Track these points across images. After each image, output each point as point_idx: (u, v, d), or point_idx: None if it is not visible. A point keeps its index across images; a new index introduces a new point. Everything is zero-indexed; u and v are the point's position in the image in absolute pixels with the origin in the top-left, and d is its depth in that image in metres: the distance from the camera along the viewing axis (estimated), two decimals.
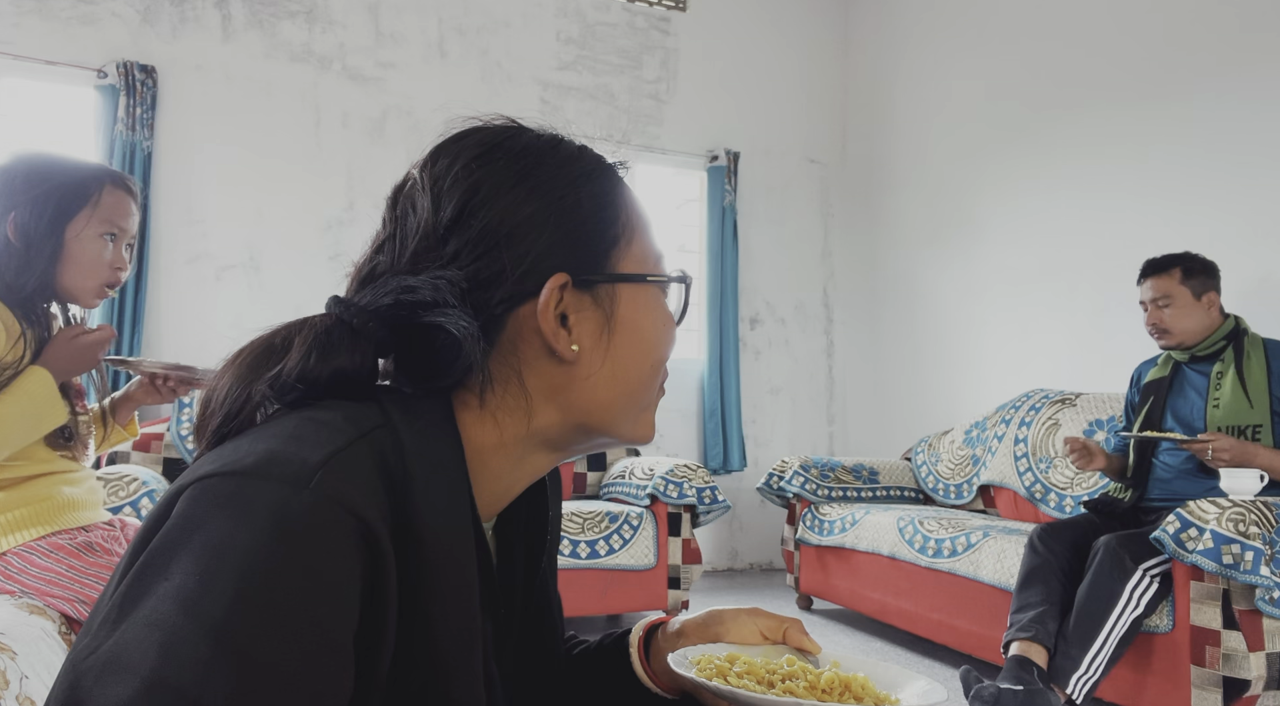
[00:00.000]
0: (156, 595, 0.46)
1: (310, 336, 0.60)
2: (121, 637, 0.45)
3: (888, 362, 4.67)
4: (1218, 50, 3.10)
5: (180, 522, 0.49)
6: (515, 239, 0.62)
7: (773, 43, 4.86)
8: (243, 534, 0.47)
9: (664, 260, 0.70)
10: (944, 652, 2.99)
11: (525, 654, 0.73)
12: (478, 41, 4.22)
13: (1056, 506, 3.12)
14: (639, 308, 0.66)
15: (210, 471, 0.51)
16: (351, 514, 0.49)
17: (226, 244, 3.71)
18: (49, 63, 3.45)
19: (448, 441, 0.59)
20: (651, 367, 0.67)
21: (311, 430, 0.53)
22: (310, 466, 0.50)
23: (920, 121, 4.50)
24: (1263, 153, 2.95)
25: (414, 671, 0.53)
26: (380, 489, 0.52)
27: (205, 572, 0.46)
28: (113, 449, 3.12)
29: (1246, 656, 1.99)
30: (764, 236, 4.78)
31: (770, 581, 4.29)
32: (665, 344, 0.68)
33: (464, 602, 0.55)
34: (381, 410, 0.58)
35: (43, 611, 1.34)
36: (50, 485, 1.47)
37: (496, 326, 0.62)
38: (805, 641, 0.74)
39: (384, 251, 0.64)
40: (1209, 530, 2.01)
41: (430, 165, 0.65)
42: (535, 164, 0.65)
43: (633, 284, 0.66)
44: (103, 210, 1.50)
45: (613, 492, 3.60)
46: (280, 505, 0.48)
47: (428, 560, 0.53)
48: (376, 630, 0.51)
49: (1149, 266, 2.56)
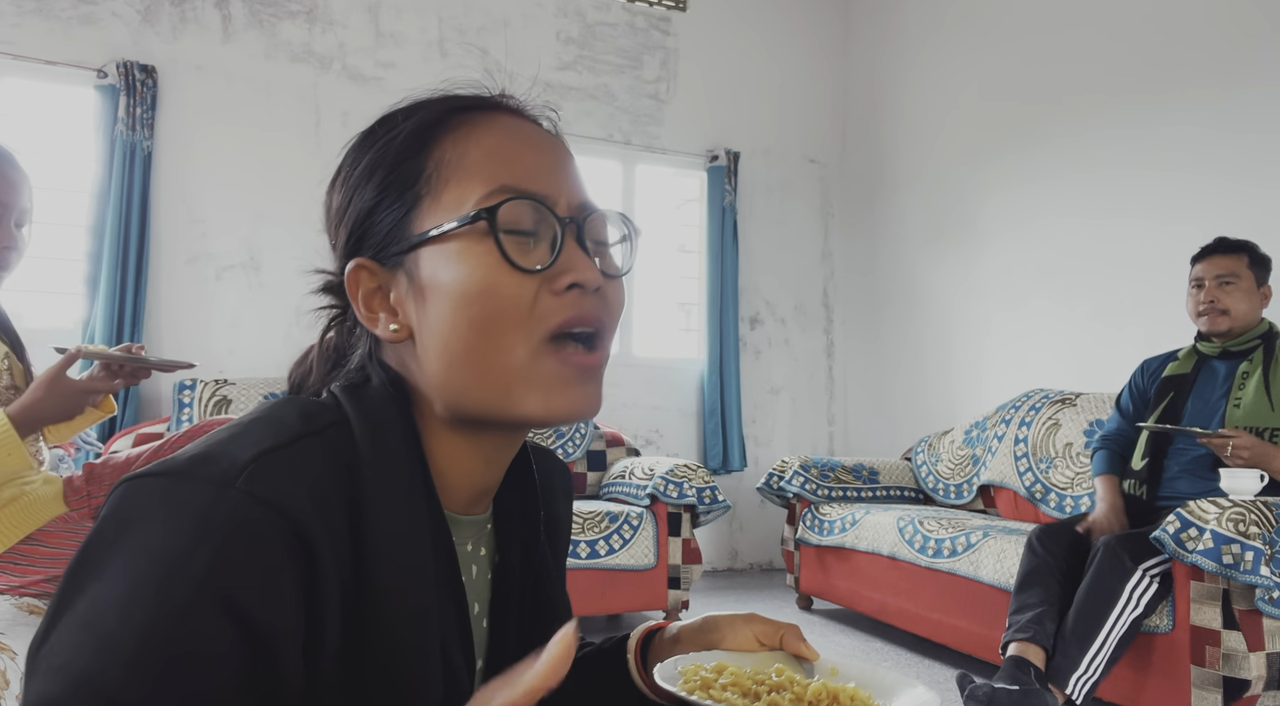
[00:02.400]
0: (88, 595, 0.47)
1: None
2: (58, 636, 0.46)
3: (888, 362, 4.67)
4: (1219, 51, 3.10)
5: (111, 521, 0.49)
6: (339, 228, 0.64)
7: (773, 43, 4.86)
8: (168, 536, 0.47)
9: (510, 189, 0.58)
10: (944, 652, 2.99)
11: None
12: (478, 41, 4.22)
13: (1056, 506, 3.12)
14: (439, 264, 0.57)
15: (143, 471, 0.51)
16: (277, 512, 0.49)
17: (226, 244, 3.71)
18: (49, 63, 3.45)
19: (401, 434, 0.58)
20: (477, 325, 0.56)
21: (256, 427, 0.54)
22: (238, 465, 0.50)
23: (920, 121, 4.50)
24: (1264, 153, 2.95)
25: (364, 664, 0.53)
26: (330, 486, 0.52)
27: (132, 575, 0.46)
28: (112, 449, 3.12)
29: (1246, 656, 1.99)
30: (764, 236, 4.78)
31: (770, 581, 4.29)
32: (490, 294, 0.56)
33: (415, 593, 0.55)
34: (338, 404, 0.58)
35: (42, 610, 1.34)
36: (9, 489, 1.45)
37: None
38: (802, 647, 0.72)
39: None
40: (1209, 530, 2.01)
41: None
42: (362, 141, 0.65)
43: (431, 243, 0.58)
44: None
45: (613, 492, 3.60)
46: (205, 506, 0.48)
47: (378, 555, 0.53)
48: (318, 623, 0.51)
49: (1220, 244, 2.49)
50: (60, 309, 3.53)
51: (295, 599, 0.49)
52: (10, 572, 1.39)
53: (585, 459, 3.79)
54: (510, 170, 0.59)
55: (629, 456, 3.83)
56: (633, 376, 4.41)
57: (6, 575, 1.38)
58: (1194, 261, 2.54)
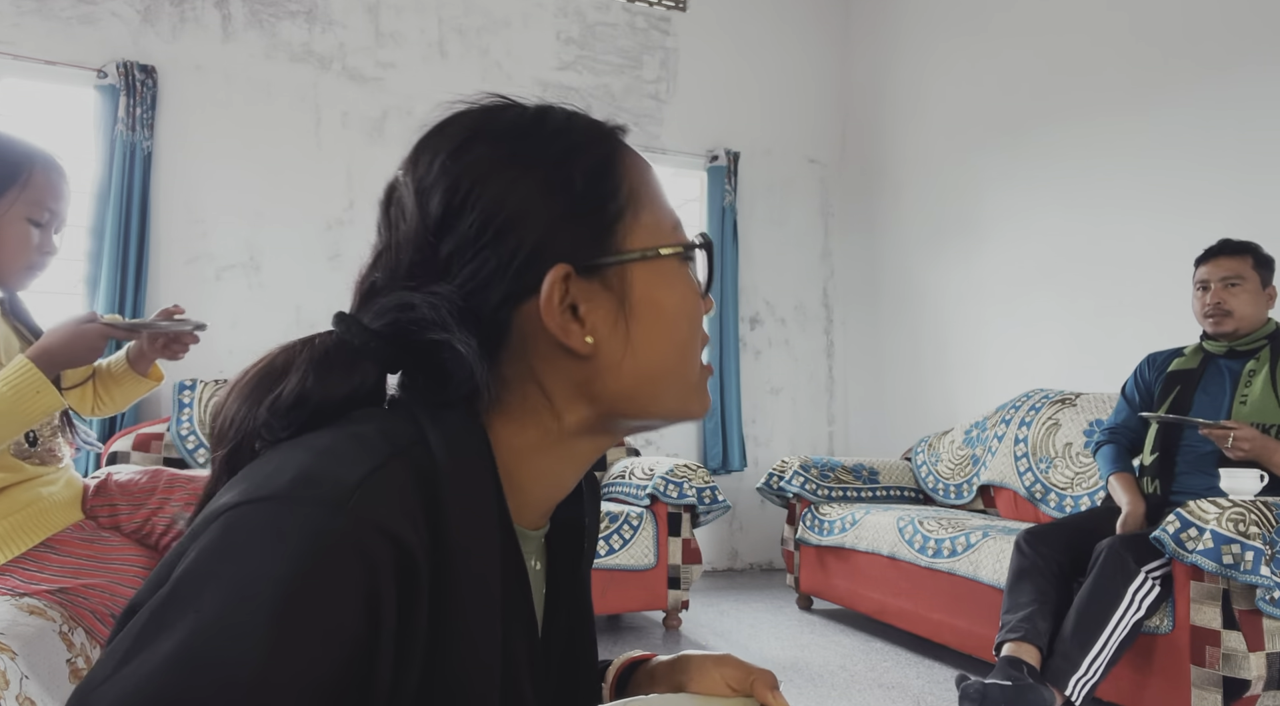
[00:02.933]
0: (186, 629, 0.44)
1: (309, 357, 0.57)
2: (139, 669, 0.43)
3: (888, 363, 4.67)
4: (1218, 49, 3.10)
5: (212, 553, 0.47)
6: (506, 232, 0.58)
7: (773, 43, 4.86)
8: (278, 564, 0.45)
9: (680, 227, 0.65)
10: (943, 652, 2.99)
11: (566, 671, 0.70)
12: (478, 41, 4.23)
13: (1056, 506, 3.12)
14: (656, 284, 0.61)
15: (241, 499, 0.49)
16: (389, 536, 0.47)
17: (226, 244, 3.71)
18: (49, 63, 3.45)
19: (480, 457, 0.57)
20: (680, 345, 0.62)
21: (347, 446, 0.51)
22: (346, 487, 0.48)
23: (920, 121, 4.50)
24: (1264, 153, 2.95)
25: (434, 691, 0.52)
26: (417, 508, 0.50)
27: (241, 605, 0.44)
28: (112, 449, 3.12)
29: (1246, 656, 1.99)
30: (764, 236, 4.78)
31: (770, 581, 4.29)
32: (692, 317, 0.63)
33: (487, 624, 0.53)
34: (414, 422, 0.56)
35: (43, 611, 1.34)
36: (24, 491, 1.44)
37: (502, 329, 0.58)
38: (770, 698, 0.68)
39: (380, 265, 0.61)
40: (1209, 530, 2.01)
41: (414, 164, 0.61)
42: (518, 145, 0.60)
43: (645, 261, 0.61)
44: (32, 192, 1.43)
45: (613, 493, 3.60)
46: (316, 531, 0.46)
47: (453, 581, 0.52)
48: (409, 650, 0.50)
49: (1225, 246, 2.49)
50: (60, 309, 3.53)
51: (393, 627, 0.48)
52: (19, 577, 1.39)
53: None
54: (670, 203, 0.66)
55: (629, 456, 3.83)
56: None
57: (14, 579, 1.38)
58: (1198, 264, 2.54)
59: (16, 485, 1.44)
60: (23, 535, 1.41)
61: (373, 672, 0.47)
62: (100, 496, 1.59)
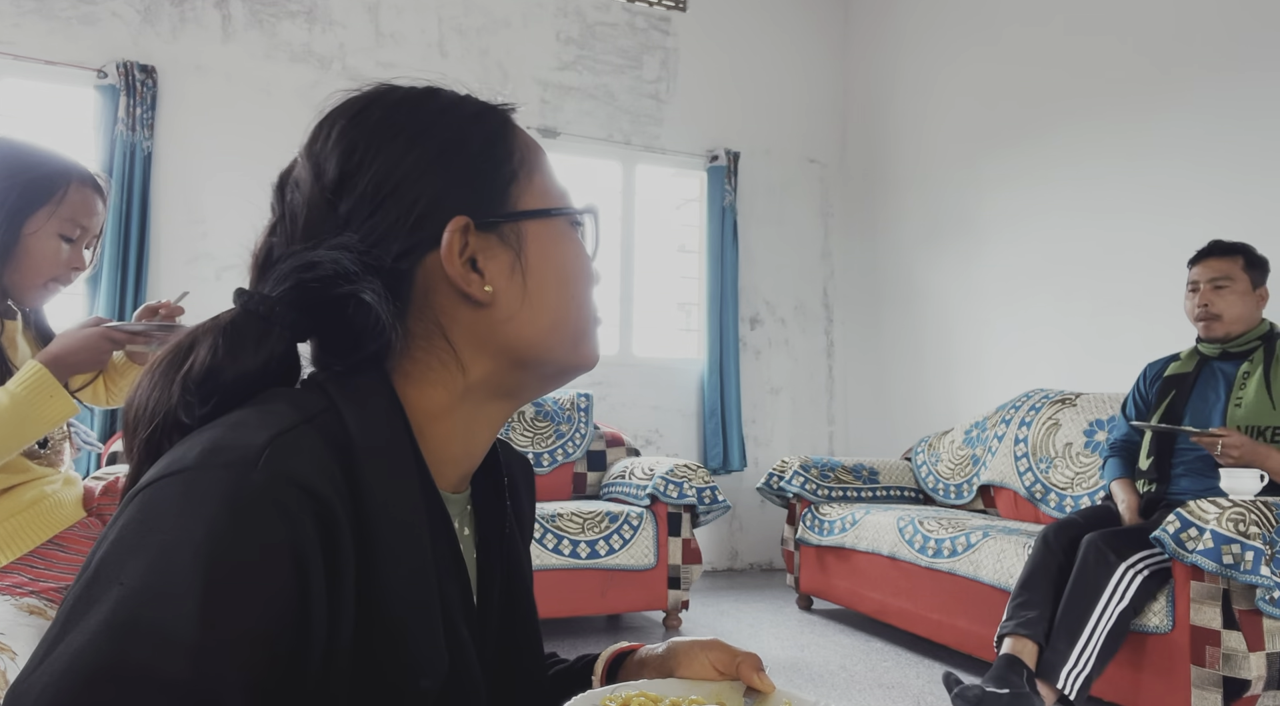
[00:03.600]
0: (112, 600, 0.44)
1: (216, 331, 0.58)
2: (68, 647, 0.43)
3: (888, 363, 4.67)
4: (1217, 52, 3.10)
5: (132, 528, 0.48)
6: (404, 188, 0.60)
7: (773, 43, 4.86)
8: (197, 525, 0.46)
9: (569, 196, 0.69)
10: (943, 652, 2.99)
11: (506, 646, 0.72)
12: (478, 41, 4.23)
13: (1057, 506, 3.12)
14: (549, 241, 0.65)
15: (156, 475, 0.50)
16: (302, 488, 0.49)
17: (226, 244, 3.71)
18: (49, 63, 3.46)
19: (390, 415, 0.59)
20: (573, 299, 0.66)
21: (254, 417, 0.53)
22: (255, 448, 0.49)
23: (920, 121, 4.50)
24: (1262, 153, 2.95)
25: (373, 638, 0.53)
26: (334, 467, 0.52)
27: (165, 568, 0.45)
28: (113, 449, 3.12)
29: (1246, 656, 1.99)
30: (764, 236, 4.78)
31: (770, 581, 4.30)
32: (584, 275, 0.68)
33: (418, 566, 0.55)
34: (324, 393, 0.57)
35: (42, 611, 1.34)
36: (28, 490, 1.45)
37: (405, 282, 0.61)
38: (756, 679, 0.70)
39: (276, 233, 0.63)
40: (1209, 530, 2.01)
41: (310, 143, 0.64)
42: (412, 112, 0.64)
43: (538, 220, 0.65)
44: (66, 208, 1.44)
45: (613, 492, 3.60)
46: (229, 490, 0.47)
47: (379, 531, 0.53)
48: (340, 602, 0.51)
49: (1214, 247, 2.50)
50: (60, 309, 3.52)
51: (321, 576, 0.50)
52: (26, 573, 1.39)
53: (585, 459, 3.79)
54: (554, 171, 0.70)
55: (629, 456, 3.83)
56: (633, 376, 4.41)
57: (21, 577, 1.38)
58: (1190, 265, 2.55)
59: (22, 484, 1.45)
60: (32, 532, 1.42)
61: (307, 624, 0.48)
62: (109, 497, 1.60)
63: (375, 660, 0.53)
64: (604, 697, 0.64)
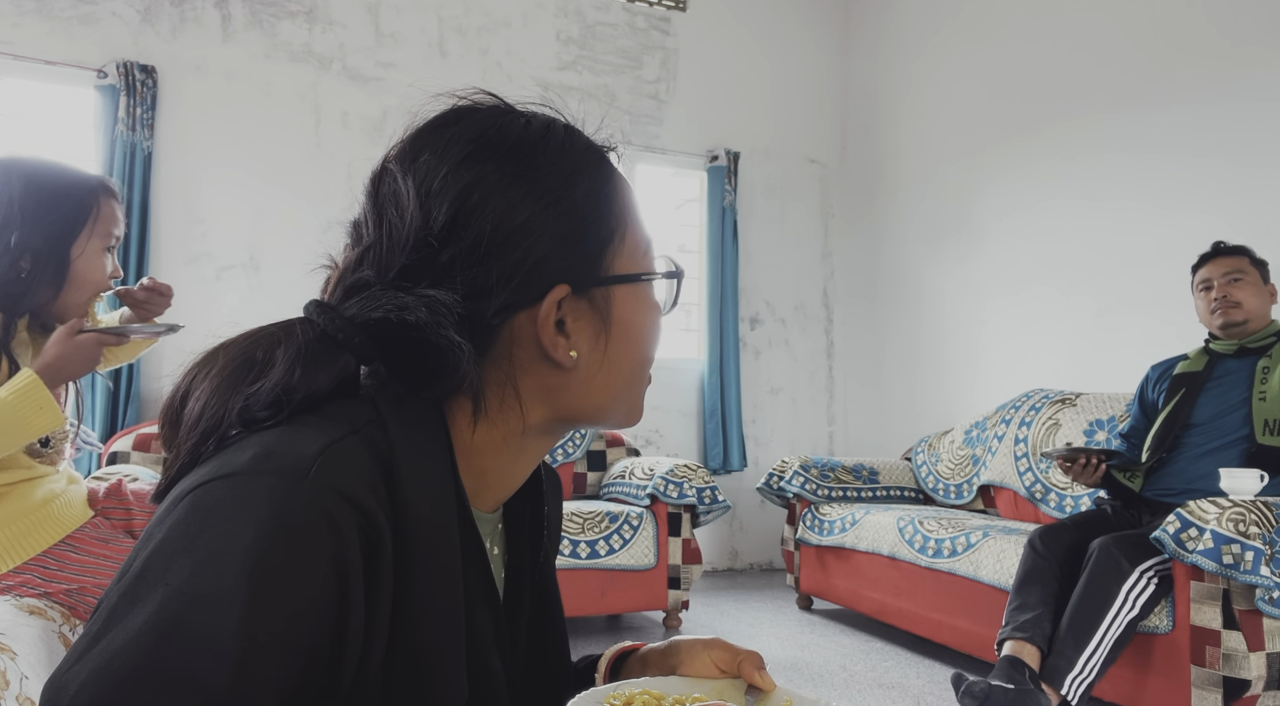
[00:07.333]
0: (156, 601, 0.45)
1: (294, 350, 0.57)
2: (111, 645, 0.44)
3: (888, 363, 4.67)
4: (1218, 52, 3.10)
5: (180, 529, 0.48)
6: (510, 246, 0.59)
7: (773, 43, 4.86)
8: (245, 531, 0.46)
9: (652, 247, 0.69)
10: (943, 652, 2.99)
11: (534, 656, 0.72)
12: (478, 41, 4.23)
13: (1057, 506, 3.12)
14: (633, 306, 0.66)
15: (206, 478, 0.50)
16: (351, 504, 0.49)
17: (226, 244, 3.71)
18: (49, 63, 3.45)
19: (436, 439, 0.59)
20: (642, 363, 0.67)
21: (306, 426, 0.53)
22: (308, 457, 0.50)
23: (920, 121, 4.50)
24: (1262, 153, 2.95)
25: (399, 659, 0.53)
26: (376, 480, 0.52)
27: (212, 573, 0.45)
28: (113, 449, 3.12)
29: (1246, 656, 1.99)
30: (764, 236, 4.78)
31: (770, 581, 4.29)
32: (655, 339, 0.68)
33: (449, 593, 0.55)
34: (374, 407, 0.57)
35: (43, 611, 1.34)
36: (36, 488, 1.45)
37: (491, 335, 0.60)
38: (757, 677, 0.70)
39: (368, 262, 0.61)
40: (1209, 530, 2.01)
41: (411, 159, 0.61)
42: (528, 162, 0.62)
43: (628, 284, 0.65)
44: (101, 224, 1.46)
45: (613, 492, 3.60)
46: (280, 498, 0.48)
47: (414, 551, 0.53)
48: (376, 618, 0.51)
49: (1220, 248, 2.56)
50: None
51: (361, 591, 0.50)
52: (38, 575, 1.39)
53: (585, 459, 3.79)
54: (645, 222, 0.70)
55: (629, 456, 3.83)
56: None
57: (33, 576, 1.38)
58: (1196, 268, 2.57)
59: (26, 481, 1.45)
60: (45, 531, 1.42)
61: (344, 638, 0.49)
62: (113, 499, 1.60)
63: (401, 682, 0.53)
64: (607, 695, 0.65)
